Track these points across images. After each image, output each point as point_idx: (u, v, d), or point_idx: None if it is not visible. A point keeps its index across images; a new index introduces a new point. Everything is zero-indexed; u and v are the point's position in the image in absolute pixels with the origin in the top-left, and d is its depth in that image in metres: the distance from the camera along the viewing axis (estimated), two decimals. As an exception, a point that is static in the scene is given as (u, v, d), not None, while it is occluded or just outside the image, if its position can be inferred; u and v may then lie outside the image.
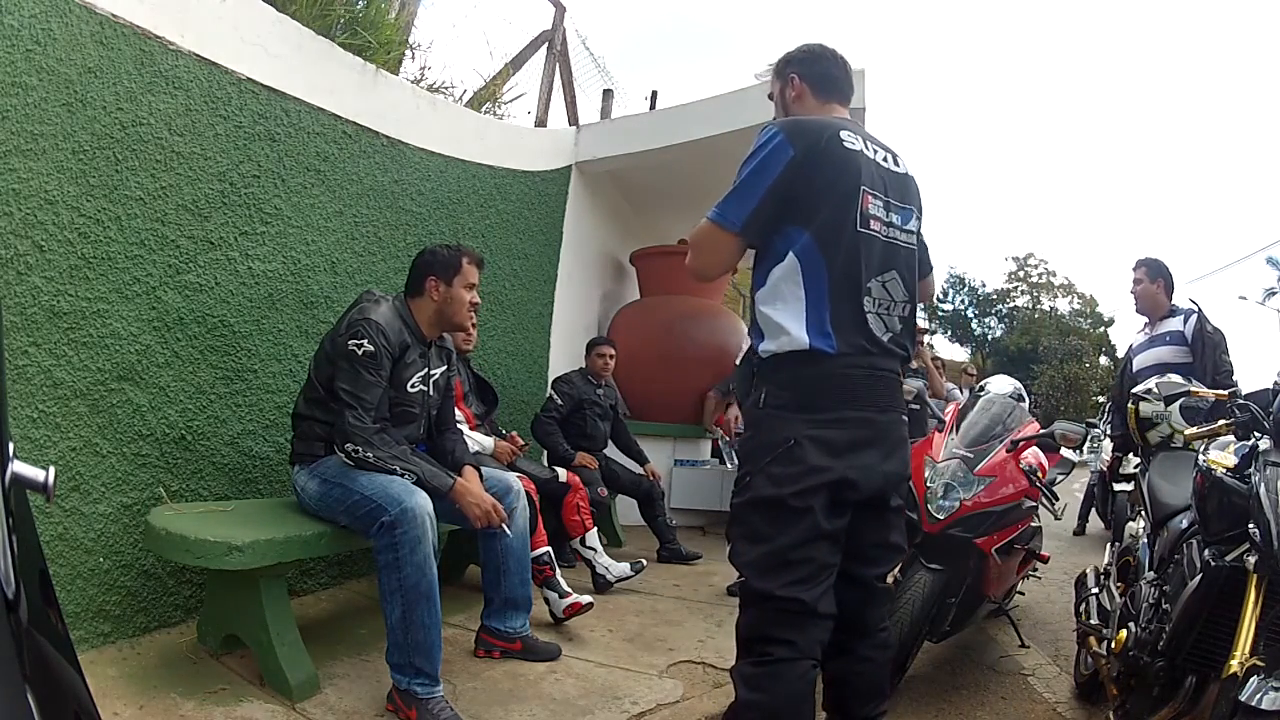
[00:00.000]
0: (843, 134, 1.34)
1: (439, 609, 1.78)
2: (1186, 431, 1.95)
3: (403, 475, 1.86)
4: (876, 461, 1.31)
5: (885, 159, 1.40)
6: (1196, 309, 3.03)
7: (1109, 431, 3.82)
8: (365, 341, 1.88)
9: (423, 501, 1.80)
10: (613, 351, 3.83)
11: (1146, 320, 3.21)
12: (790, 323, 1.31)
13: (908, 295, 1.41)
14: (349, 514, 1.87)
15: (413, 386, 2.05)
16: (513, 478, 2.27)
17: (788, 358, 1.32)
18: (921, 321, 1.65)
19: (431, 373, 2.12)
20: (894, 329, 1.37)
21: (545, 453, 3.73)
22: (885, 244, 1.36)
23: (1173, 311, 3.11)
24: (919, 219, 1.46)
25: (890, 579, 1.53)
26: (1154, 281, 3.15)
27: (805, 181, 1.30)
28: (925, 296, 1.55)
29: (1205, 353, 2.93)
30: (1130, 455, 3.33)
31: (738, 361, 1.60)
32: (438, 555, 1.82)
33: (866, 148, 1.36)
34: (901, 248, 1.40)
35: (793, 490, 1.26)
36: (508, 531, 2.09)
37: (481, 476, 2.13)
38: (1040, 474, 2.23)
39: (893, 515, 1.41)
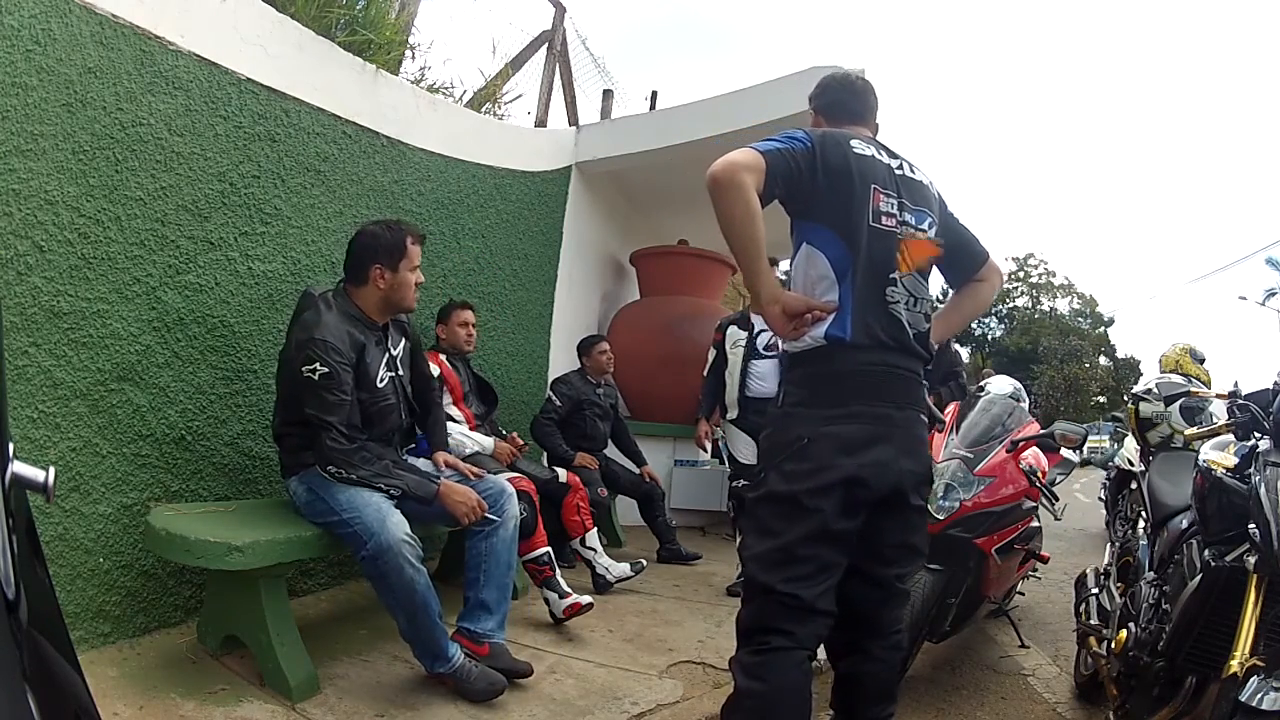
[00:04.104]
0: (853, 141, 1.40)
1: (438, 608, 1.86)
2: (1187, 431, 1.96)
3: (387, 490, 1.86)
4: (890, 458, 1.31)
5: (900, 166, 1.45)
6: None
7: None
8: (318, 364, 1.84)
9: (394, 528, 1.79)
10: (607, 346, 3.82)
11: None
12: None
13: (927, 293, 1.44)
14: (333, 531, 1.89)
15: (381, 380, 2.02)
16: (503, 480, 2.26)
17: (804, 356, 1.37)
18: None
19: (393, 352, 2.09)
20: (920, 327, 1.40)
21: (545, 453, 3.73)
22: (901, 241, 1.39)
23: None
24: (935, 225, 1.47)
25: None
26: None
27: (813, 173, 1.33)
28: (991, 274, 1.61)
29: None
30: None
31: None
32: (435, 556, 1.82)
33: (879, 154, 1.42)
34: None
35: (805, 488, 1.28)
36: (494, 517, 2.06)
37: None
38: (1040, 474, 2.23)
39: (915, 516, 1.41)
